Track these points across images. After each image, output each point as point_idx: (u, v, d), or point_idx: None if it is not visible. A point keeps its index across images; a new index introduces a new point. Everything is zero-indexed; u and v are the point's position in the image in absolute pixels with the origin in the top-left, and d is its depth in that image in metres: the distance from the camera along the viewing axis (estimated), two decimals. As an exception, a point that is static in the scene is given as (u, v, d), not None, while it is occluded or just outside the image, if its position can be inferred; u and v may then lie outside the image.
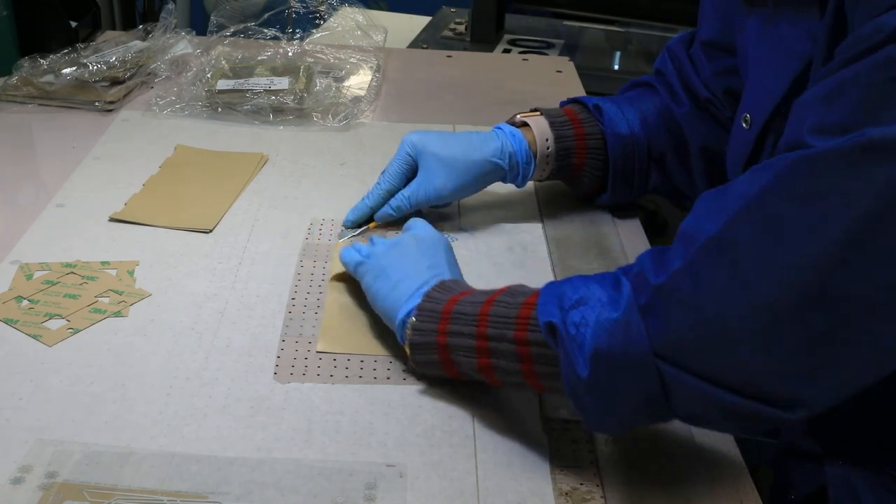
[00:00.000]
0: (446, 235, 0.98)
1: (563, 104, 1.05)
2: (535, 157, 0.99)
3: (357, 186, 1.09)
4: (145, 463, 0.68)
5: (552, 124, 1.00)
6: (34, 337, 0.80)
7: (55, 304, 0.84)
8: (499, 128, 1.00)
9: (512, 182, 1.01)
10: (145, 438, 0.70)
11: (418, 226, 0.86)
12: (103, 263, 0.91)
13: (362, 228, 0.99)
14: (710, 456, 0.71)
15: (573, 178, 1.03)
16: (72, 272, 0.89)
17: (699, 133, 0.98)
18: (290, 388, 0.76)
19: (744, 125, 0.77)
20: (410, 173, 0.98)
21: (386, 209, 0.98)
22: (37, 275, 0.88)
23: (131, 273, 0.90)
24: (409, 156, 0.98)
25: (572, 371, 0.64)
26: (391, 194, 0.98)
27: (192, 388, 0.76)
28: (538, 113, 1.01)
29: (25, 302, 0.85)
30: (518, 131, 1.00)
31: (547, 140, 0.99)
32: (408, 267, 0.79)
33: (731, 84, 0.93)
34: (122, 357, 0.79)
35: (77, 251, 0.93)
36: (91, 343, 0.80)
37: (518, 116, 1.02)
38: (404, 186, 0.98)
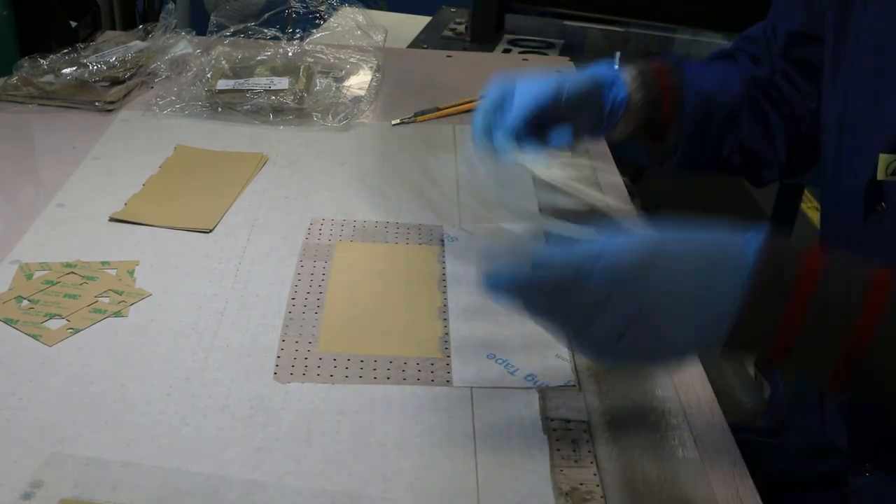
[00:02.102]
0: (446, 235, 0.99)
1: (652, 60, 0.97)
2: (627, 85, 0.91)
3: (357, 186, 1.09)
4: (145, 463, 0.68)
5: (640, 73, 0.92)
6: (34, 337, 0.80)
7: (55, 304, 0.84)
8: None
9: (610, 102, 0.89)
10: (145, 438, 0.70)
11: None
12: (103, 263, 0.91)
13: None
14: (710, 456, 0.71)
15: (660, 135, 0.93)
16: (72, 272, 0.89)
17: (781, 97, 0.94)
18: (290, 388, 0.76)
19: None
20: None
21: (499, 134, 0.83)
22: (37, 275, 0.88)
23: (131, 273, 0.90)
24: (500, 88, 0.86)
25: None
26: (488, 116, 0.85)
27: (192, 388, 0.76)
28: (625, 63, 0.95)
29: (25, 302, 0.85)
30: (622, 69, 0.93)
31: (637, 83, 0.91)
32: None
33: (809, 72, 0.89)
34: (122, 357, 0.79)
35: (77, 251, 0.93)
36: (91, 343, 0.80)
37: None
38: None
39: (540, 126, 0.85)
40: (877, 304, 0.57)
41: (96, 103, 1.25)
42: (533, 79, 0.85)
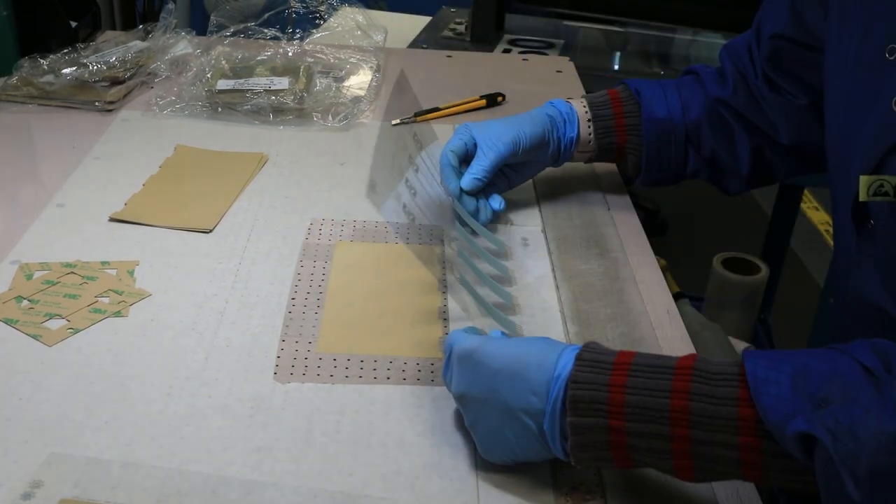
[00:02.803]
0: (446, 235, 0.99)
1: (610, 87, 1.07)
2: (578, 117, 1.02)
3: (357, 186, 1.09)
4: (145, 463, 0.68)
5: (591, 103, 1.03)
6: (34, 337, 0.80)
7: (55, 304, 0.84)
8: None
9: (564, 135, 1.02)
10: (145, 438, 0.70)
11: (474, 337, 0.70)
12: (103, 263, 0.91)
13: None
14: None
15: (619, 158, 1.06)
16: (72, 272, 0.89)
17: (748, 117, 0.99)
18: (290, 388, 0.76)
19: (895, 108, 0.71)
20: (466, 148, 0.99)
21: (468, 178, 0.97)
22: (37, 275, 0.88)
23: (131, 273, 0.90)
24: (465, 131, 0.99)
25: (838, 490, 0.53)
26: (455, 155, 0.98)
27: (192, 388, 0.76)
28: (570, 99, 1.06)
29: (25, 302, 0.85)
30: (562, 101, 1.04)
31: (587, 115, 1.03)
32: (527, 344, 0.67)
33: (802, 75, 0.93)
34: (122, 357, 0.79)
35: (77, 251, 0.93)
36: (91, 343, 0.80)
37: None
38: (462, 156, 0.99)
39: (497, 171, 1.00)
40: (683, 383, 0.59)
41: (96, 103, 1.25)
42: (494, 134, 0.99)
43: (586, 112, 1.03)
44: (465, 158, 0.99)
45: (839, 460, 0.52)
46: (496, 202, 1.00)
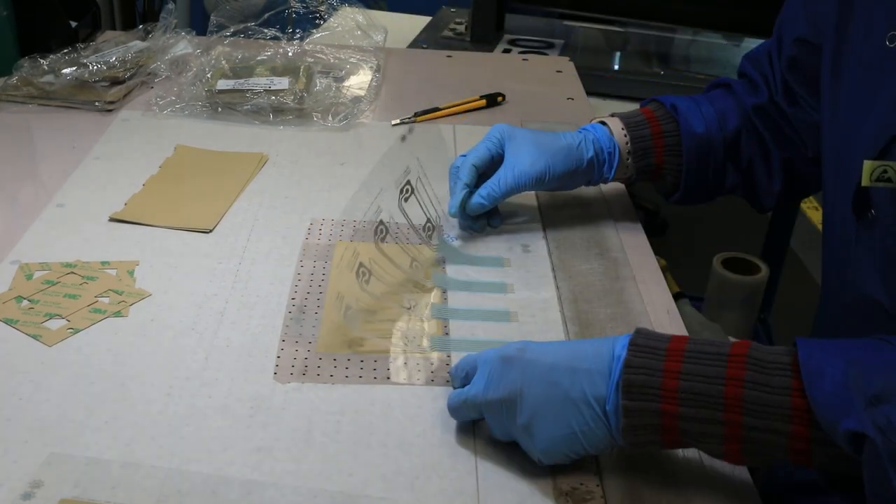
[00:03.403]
0: (446, 235, 0.99)
1: (642, 105, 1.04)
2: (619, 149, 0.98)
3: (357, 186, 1.09)
4: (145, 463, 0.68)
5: (627, 124, 1.00)
6: (34, 337, 0.80)
7: (55, 304, 0.84)
8: (582, 128, 1.01)
9: (598, 176, 0.99)
10: (145, 438, 0.70)
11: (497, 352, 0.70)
12: (103, 263, 0.91)
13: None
14: (710, 456, 0.71)
15: (657, 177, 1.02)
16: (72, 272, 0.89)
17: (779, 128, 0.97)
18: (290, 388, 0.76)
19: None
20: (493, 159, 0.97)
21: (476, 199, 0.95)
22: (37, 275, 0.88)
23: (131, 273, 0.90)
24: (497, 139, 0.97)
25: (885, 486, 0.54)
26: (477, 170, 0.96)
27: (192, 388, 0.76)
28: (603, 117, 1.02)
29: (25, 302, 0.85)
30: (600, 125, 1.00)
31: (626, 138, 0.99)
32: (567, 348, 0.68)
33: (818, 84, 0.89)
34: (122, 357, 0.79)
35: (77, 251, 0.93)
36: (91, 343, 0.80)
37: (594, 119, 1.02)
38: (486, 170, 0.97)
39: None
40: (737, 371, 0.60)
41: (96, 103, 1.25)
42: (523, 163, 0.95)
43: (625, 136, 0.99)
44: (489, 169, 0.98)
45: (888, 458, 0.53)
46: (496, 220, 1.00)
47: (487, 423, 0.70)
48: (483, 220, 0.99)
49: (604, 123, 1.00)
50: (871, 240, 0.74)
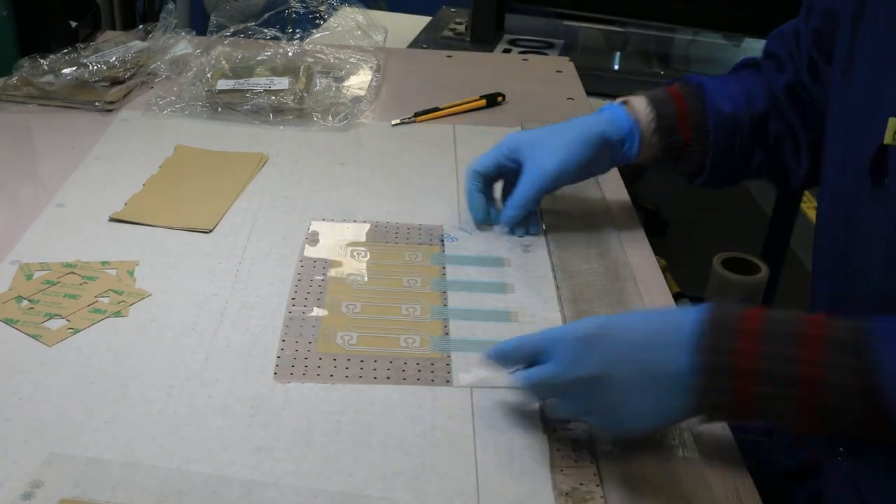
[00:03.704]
0: (446, 235, 0.99)
1: (667, 84, 1.02)
2: (640, 126, 0.97)
3: (357, 186, 1.09)
4: (145, 463, 0.68)
5: (653, 101, 0.98)
6: (34, 337, 0.80)
7: (55, 304, 0.84)
8: (599, 109, 1.00)
9: (621, 156, 0.98)
10: (145, 438, 0.70)
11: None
12: (103, 263, 0.91)
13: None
14: (710, 456, 0.71)
15: (682, 157, 0.99)
16: (72, 272, 0.89)
17: (806, 107, 0.95)
18: (290, 388, 0.76)
19: None
20: (500, 168, 0.97)
21: (509, 211, 0.96)
22: (37, 275, 0.88)
23: (131, 273, 0.90)
24: (506, 147, 0.97)
25: None
26: (482, 176, 0.97)
27: (192, 388, 0.76)
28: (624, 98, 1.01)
29: (25, 302, 0.85)
30: (618, 105, 0.98)
31: (650, 115, 0.97)
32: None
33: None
34: (122, 357, 0.79)
35: (77, 251, 0.93)
36: (91, 343, 0.80)
37: (618, 100, 1.00)
38: (495, 176, 0.98)
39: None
40: (812, 352, 0.62)
41: (96, 103, 1.25)
42: (540, 160, 0.94)
43: (649, 112, 0.97)
44: (497, 176, 0.98)
45: None
46: (534, 227, 0.99)
47: (559, 402, 0.70)
48: (522, 227, 0.99)
49: (625, 103, 0.99)
50: (882, 211, 0.72)
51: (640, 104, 0.98)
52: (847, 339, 0.62)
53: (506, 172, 0.98)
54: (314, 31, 1.52)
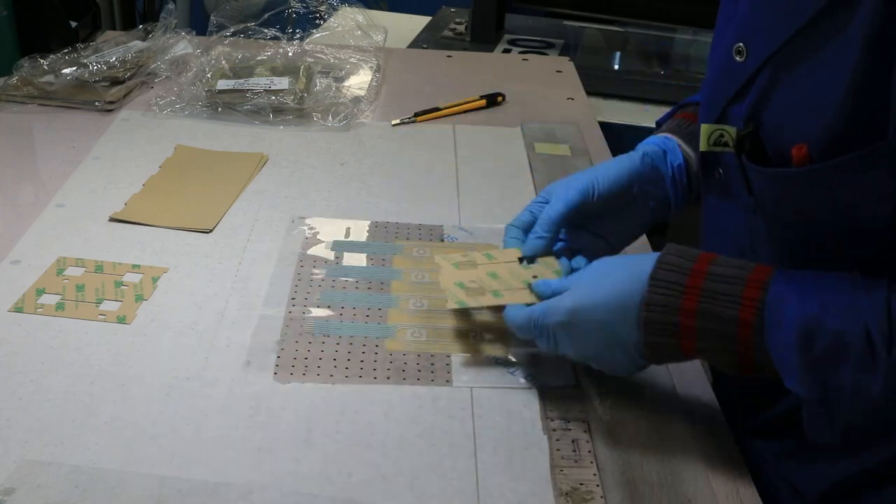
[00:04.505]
0: (446, 235, 0.99)
1: (674, 112, 0.93)
2: (681, 148, 0.87)
3: (357, 186, 1.09)
4: (144, 464, 0.68)
5: (680, 134, 0.88)
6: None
7: (67, 298, 0.84)
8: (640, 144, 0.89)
9: (673, 192, 0.86)
10: (145, 438, 0.70)
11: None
12: (134, 267, 0.91)
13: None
14: (711, 456, 0.71)
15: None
16: (92, 272, 0.89)
17: None
18: (290, 388, 0.76)
19: (737, 57, 0.70)
20: (534, 215, 0.86)
21: (532, 239, 0.83)
22: (68, 271, 0.89)
23: (155, 280, 0.89)
24: (543, 198, 0.86)
25: (816, 429, 0.66)
26: (517, 230, 0.85)
27: (192, 388, 0.76)
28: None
29: (45, 296, 0.85)
30: (657, 137, 0.88)
31: (687, 148, 0.87)
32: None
33: None
34: (122, 357, 0.79)
35: (77, 251, 0.93)
36: (91, 343, 0.80)
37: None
38: (532, 223, 0.86)
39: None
40: (753, 297, 0.64)
41: (96, 103, 1.25)
42: (564, 183, 0.85)
43: (682, 146, 0.87)
44: (533, 222, 0.86)
45: (825, 412, 0.63)
46: (578, 262, 0.83)
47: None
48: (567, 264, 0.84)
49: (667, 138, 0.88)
50: (719, 199, 0.77)
51: (674, 139, 0.88)
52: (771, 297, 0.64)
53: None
54: (314, 31, 1.53)
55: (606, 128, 1.33)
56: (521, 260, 0.83)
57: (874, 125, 0.61)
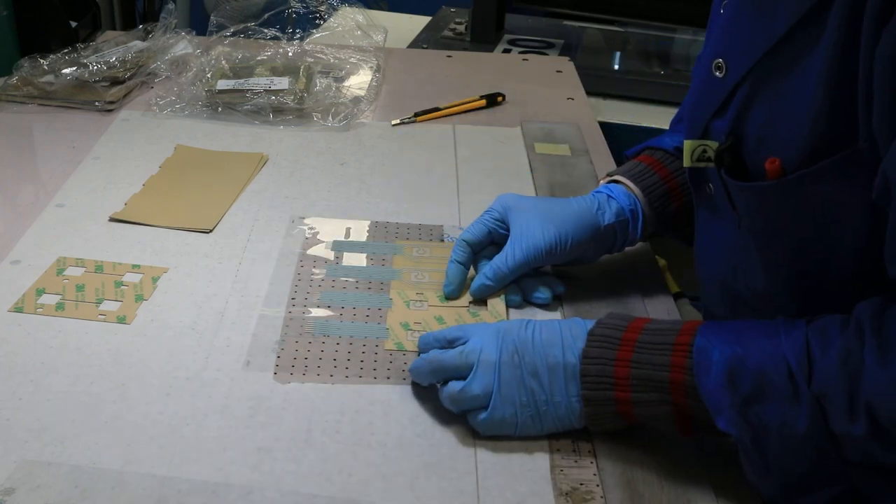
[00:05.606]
0: (446, 235, 0.99)
1: (631, 155, 0.96)
2: (640, 201, 0.89)
3: (357, 186, 1.09)
4: (144, 464, 0.68)
5: (632, 177, 0.90)
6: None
7: (67, 298, 0.84)
8: (594, 191, 0.91)
9: (623, 238, 0.89)
10: (145, 438, 0.70)
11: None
12: (134, 267, 0.91)
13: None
14: (710, 456, 0.71)
15: (678, 223, 0.91)
16: (90, 272, 0.89)
17: None
18: (290, 388, 0.76)
19: (717, 73, 0.71)
20: (492, 235, 0.88)
21: (481, 280, 0.85)
22: (68, 271, 0.89)
23: (155, 280, 0.89)
24: (496, 211, 0.88)
25: (754, 473, 0.65)
26: (469, 246, 0.87)
27: (192, 388, 0.76)
28: (608, 177, 0.93)
29: (45, 296, 0.85)
30: (612, 184, 0.91)
31: (637, 190, 0.90)
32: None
33: None
34: (122, 357, 0.79)
35: (77, 251, 0.93)
36: (91, 343, 0.80)
37: (602, 181, 0.94)
38: (486, 244, 0.88)
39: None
40: (683, 342, 0.66)
41: (96, 103, 1.25)
42: (529, 232, 0.86)
43: (635, 188, 0.90)
44: (489, 244, 0.89)
45: (755, 450, 0.64)
46: (559, 287, 0.88)
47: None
48: (546, 290, 0.88)
49: (616, 181, 0.91)
50: (710, 213, 0.78)
51: (625, 181, 0.91)
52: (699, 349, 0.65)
53: (497, 238, 0.89)
54: (314, 31, 1.53)
55: (606, 128, 1.33)
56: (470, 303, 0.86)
57: (845, 135, 0.62)
